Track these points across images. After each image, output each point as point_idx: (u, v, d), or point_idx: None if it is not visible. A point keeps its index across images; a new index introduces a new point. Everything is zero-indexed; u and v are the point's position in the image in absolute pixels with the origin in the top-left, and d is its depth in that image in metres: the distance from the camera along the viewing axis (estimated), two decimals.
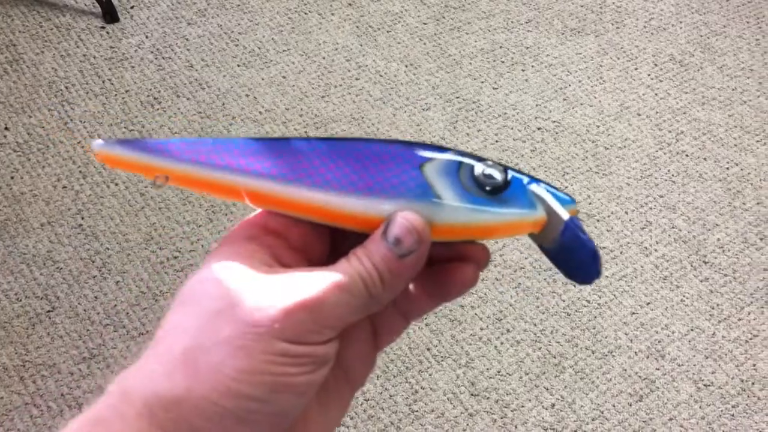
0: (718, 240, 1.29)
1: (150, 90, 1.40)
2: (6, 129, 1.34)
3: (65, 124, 1.35)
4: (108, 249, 1.22)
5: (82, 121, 1.35)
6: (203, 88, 1.41)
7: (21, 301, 1.16)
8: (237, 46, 1.48)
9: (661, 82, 1.49)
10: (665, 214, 1.31)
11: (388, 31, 1.52)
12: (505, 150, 1.37)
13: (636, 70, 1.50)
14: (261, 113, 1.39)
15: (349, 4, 1.56)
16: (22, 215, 1.24)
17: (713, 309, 1.21)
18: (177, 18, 1.51)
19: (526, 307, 1.20)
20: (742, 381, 1.15)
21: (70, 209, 1.25)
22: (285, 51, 1.48)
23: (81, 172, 1.30)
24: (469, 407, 1.11)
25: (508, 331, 1.17)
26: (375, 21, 1.54)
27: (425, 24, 1.54)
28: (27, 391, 1.09)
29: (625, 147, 1.39)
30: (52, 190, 1.27)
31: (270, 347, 0.27)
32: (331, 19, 1.53)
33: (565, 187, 1.31)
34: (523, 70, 1.48)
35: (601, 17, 1.57)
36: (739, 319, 1.21)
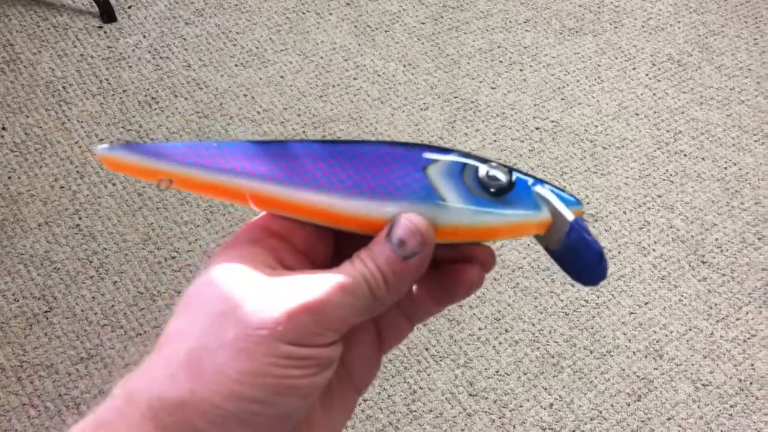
0: (716, 240, 1.29)
1: (148, 90, 1.40)
2: (3, 129, 1.34)
3: (63, 124, 1.35)
4: (105, 249, 1.21)
5: (79, 121, 1.35)
6: (201, 88, 1.41)
7: (18, 301, 1.16)
8: (235, 45, 1.48)
9: (659, 81, 1.49)
10: (663, 213, 1.31)
11: (386, 31, 1.52)
12: (504, 150, 1.37)
13: (634, 69, 1.50)
14: (259, 113, 1.39)
15: (347, 4, 1.56)
16: (19, 215, 1.24)
17: (711, 309, 1.21)
18: (174, 18, 1.51)
19: (524, 307, 1.20)
20: (740, 381, 1.15)
21: (67, 209, 1.25)
22: (283, 51, 1.48)
23: (78, 172, 1.29)
24: (467, 407, 1.10)
25: (507, 331, 1.17)
26: (373, 21, 1.53)
27: (423, 24, 1.54)
28: (24, 392, 1.08)
29: (623, 147, 1.39)
30: (50, 190, 1.27)
31: (273, 349, 0.27)
32: (329, 19, 1.53)
33: (564, 187, 1.31)
34: (521, 70, 1.48)
35: (599, 17, 1.57)
36: (737, 319, 1.21)
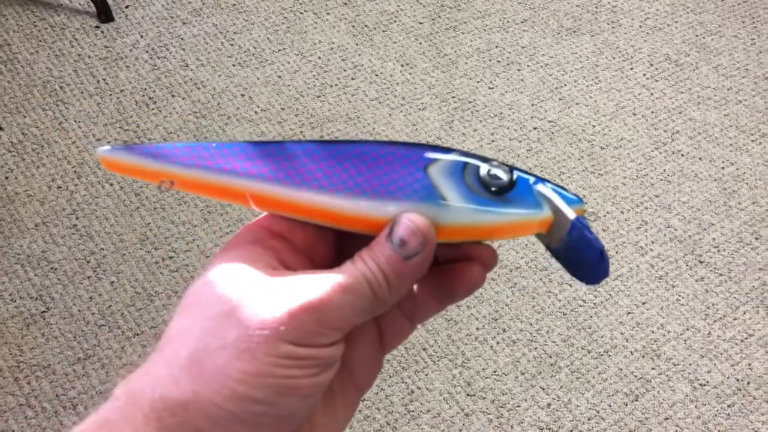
0: (714, 239, 1.29)
1: (145, 90, 1.40)
2: (0, 129, 1.34)
3: (60, 123, 1.35)
4: (103, 249, 1.21)
5: (76, 121, 1.35)
6: (198, 88, 1.41)
7: (15, 301, 1.16)
8: (232, 45, 1.47)
9: (656, 81, 1.49)
10: (661, 213, 1.31)
11: (383, 31, 1.52)
12: (501, 150, 1.37)
13: (631, 69, 1.50)
14: (256, 113, 1.38)
15: (345, 4, 1.55)
16: (16, 215, 1.24)
17: (709, 308, 1.21)
18: (172, 17, 1.51)
19: (522, 306, 1.20)
20: (737, 380, 1.15)
21: (64, 209, 1.25)
22: (280, 50, 1.47)
23: (76, 172, 1.29)
24: (465, 407, 1.10)
25: (504, 330, 1.17)
26: (371, 20, 1.53)
27: (421, 23, 1.54)
28: (21, 393, 1.08)
29: (620, 147, 1.39)
30: (47, 190, 1.27)
31: (275, 350, 0.27)
32: (327, 19, 1.53)
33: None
34: (519, 70, 1.48)
35: (596, 17, 1.57)
36: (734, 319, 1.21)
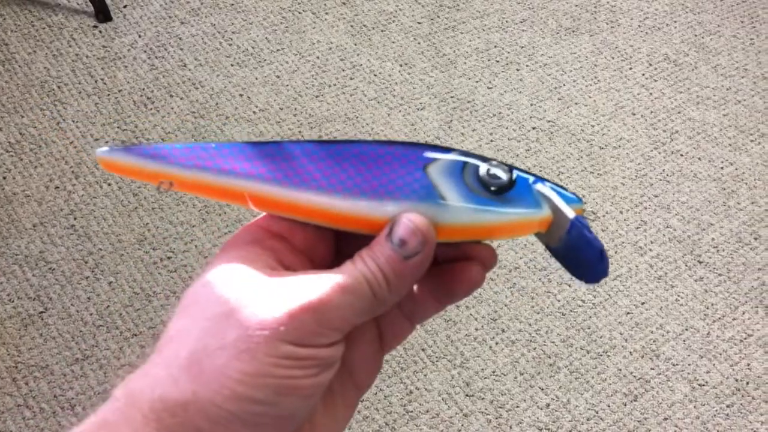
0: (713, 239, 1.29)
1: (143, 89, 1.40)
2: None
3: (58, 123, 1.35)
4: (101, 250, 1.21)
5: (74, 121, 1.35)
6: (197, 88, 1.41)
7: (13, 302, 1.15)
8: (231, 45, 1.47)
9: (655, 81, 1.48)
10: (660, 213, 1.31)
11: (382, 31, 1.52)
12: (500, 150, 1.36)
13: (630, 69, 1.50)
14: (255, 113, 1.38)
15: (343, 3, 1.55)
16: (14, 216, 1.24)
17: (708, 309, 1.21)
18: (170, 17, 1.50)
19: (521, 307, 1.19)
20: (736, 381, 1.15)
21: (62, 210, 1.25)
22: (279, 50, 1.47)
23: (73, 172, 1.29)
24: (464, 408, 1.10)
25: (503, 331, 1.17)
26: (369, 20, 1.53)
27: (419, 23, 1.53)
28: (20, 393, 1.08)
29: (619, 146, 1.39)
30: (45, 191, 1.27)
31: (274, 350, 0.27)
32: (325, 19, 1.53)
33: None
34: (518, 70, 1.48)
35: (595, 17, 1.57)
36: (733, 319, 1.21)
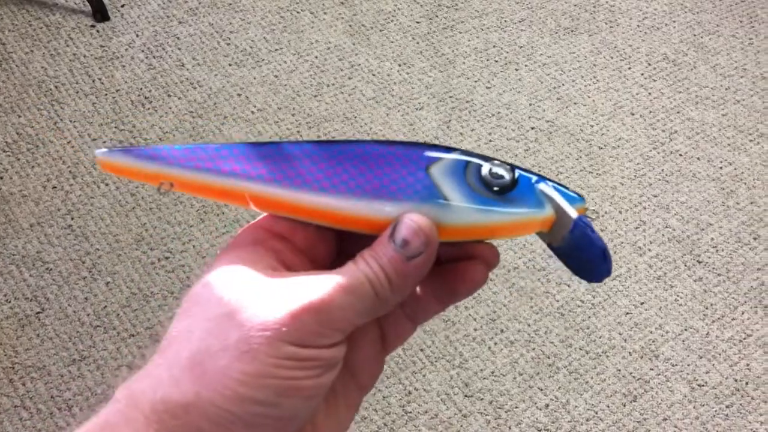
0: (712, 239, 1.28)
1: (141, 89, 1.39)
2: None
3: (55, 123, 1.34)
4: (98, 250, 1.21)
5: (72, 121, 1.34)
6: (195, 88, 1.40)
7: (10, 302, 1.15)
8: (229, 45, 1.47)
9: (654, 81, 1.48)
10: (659, 213, 1.31)
11: (380, 30, 1.51)
12: (499, 150, 1.36)
13: (629, 69, 1.50)
14: (253, 113, 1.38)
15: (342, 3, 1.55)
16: (11, 216, 1.23)
17: (707, 309, 1.21)
18: (168, 17, 1.50)
19: (519, 307, 1.19)
20: (735, 381, 1.15)
21: (59, 210, 1.24)
22: (277, 50, 1.47)
23: (71, 172, 1.28)
24: (462, 408, 1.10)
25: (502, 331, 1.17)
26: (368, 20, 1.53)
27: (418, 23, 1.53)
28: (16, 394, 1.08)
29: (618, 146, 1.39)
30: (42, 191, 1.26)
31: (277, 351, 0.27)
32: (324, 18, 1.52)
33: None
34: (517, 70, 1.48)
35: (594, 16, 1.57)
36: (732, 319, 1.20)
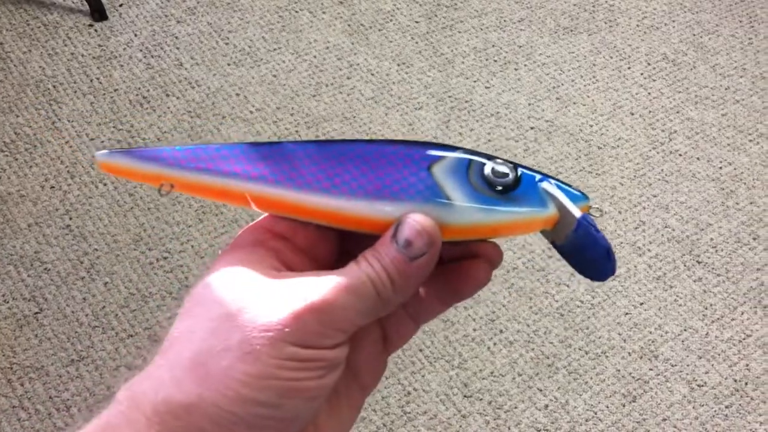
0: (711, 240, 1.28)
1: (139, 89, 1.39)
2: None
3: (53, 123, 1.34)
4: (96, 250, 1.20)
5: (70, 121, 1.34)
6: (193, 87, 1.40)
7: (8, 303, 1.15)
8: (227, 44, 1.47)
9: (654, 81, 1.48)
10: (658, 213, 1.31)
11: (379, 30, 1.51)
12: (498, 150, 1.36)
13: (629, 69, 1.50)
14: (251, 112, 1.38)
15: (340, 2, 1.55)
16: (9, 216, 1.23)
17: (706, 309, 1.21)
18: (166, 16, 1.50)
19: (519, 307, 1.19)
20: (735, 381, 1.14)
21: (57, 210, 1.24)
22: (276, 50, 1.47)
23: (69, 172, 1.28)
24: (462, 408, 1.10)
25: (501, 331, 1.17)
26: (366, 19, 1.52)
27: (417, 22, 1.53)
28: (15, 394, 1.07)
29: (618, 146, 1.38)
30: (40, 191, 1.26)
31: (279, 351, 0.27)
32: (322, 18, 1.52)
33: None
34: (516, 69, 1.47)
35: (593, 16, 1.57)
36: (732, 319, 1.20)
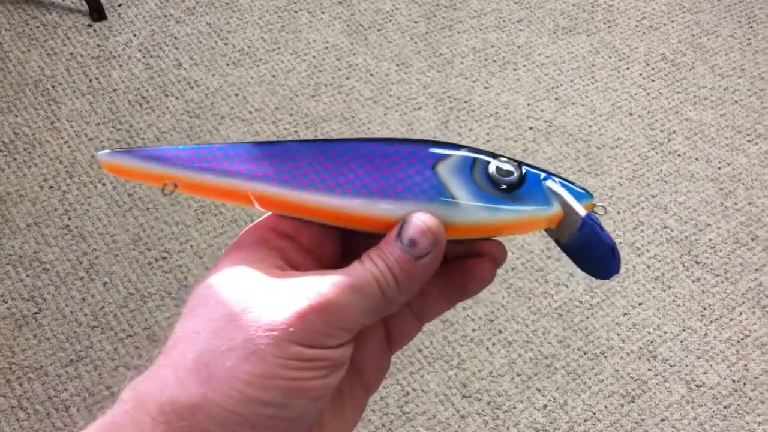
0: (710, 240, 1.28)
1: (138, 89, 1.39)
2: None
3: (52, 123, 1.34)
4: (95, 250, 1.20)
5: (68, 121, 1.34)
6: (192, 87, 1.40)
7: (7, 303, 1.14)
8: (226, 44, 1.46)
9: (652, 81, 1.48)
10: (657, 214, 1.31)
11: (378, 30, 1.51)
12: (497, 150, 1.36)
13: (628, 69, 1.50)
14: (250, 112, 1.37)
15: (340, 3, 1.55)
16: (8, 216, 1.23)
17: (705, 309, 1.21)
18: (165, 16, 1.49)
19: (518, 307, 1.19)
20: (733, 381, 1.15)
21: (56, 210, 1.24)
22: (275, 50, 1.47)
23: (68, 171, 1.28)
24: (460, 409, 1.10)
25: (500, 332, 1.17)
26: (366, 19, 1.52)
27: (416, 23, 1.53)
28: (14, 394, 1.07)
29: (617, 147, 1.38)
30: (39, 191, 1.26)
31: (284, 351, 0.27)
32: (321, 18, 1.52)
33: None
34: (515, 70, 1.47)
35: (592, 16, 1.57)
36: (730, 320, 1.20)
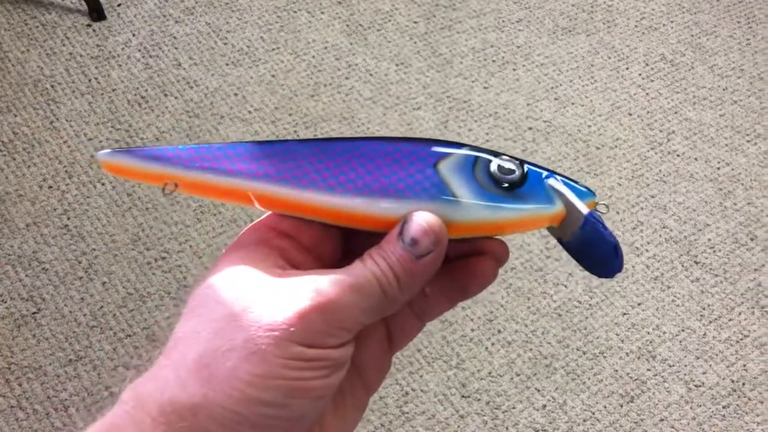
0: (709, 240, 1.28)
1: (137, 89, 1.39)
2: None
3: (51, 123, 1.34)
4: (94, 250, 1.20)
5: (68, 120, 1.34)
6: (191, 87, 1.40)
7: (6, 302, 1.14)
8: (225, 44, 1.46)
9: (652, 81, 1.48)
10: (656, 214, 1.31)
11: (378, 30, 1.51)
12: (497, 150, 1.36)
13: (627, 69, 1.50)
14: (250, 112, 1.37)
15: (339, 2, 1.55)
16: (7, 215, 1.23)
17: (704, 309, 1.21)
18: (165, 16, 1.49)
19: (517, 308, 1.19)
20: (732, 381, 1.15)
21: (55, 209, 1.24)
22: (274, 50, 1.46)
23: (67, 171, 1.28)
24: (460, 409, 1.10)
25: (499, 332, 1.17)
26: (365, 19, 1.52)
27: (416, 23, 1.53)
28: (13, 394, 1.07)
29: (616, 147, 1.38)
30: (38, 190, 1.26)
31: (284, 351, 0.27)
32: (321, 18, 1.52)
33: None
34: (514, 70, 1.47)
35: (592, 16, 1.57)
36: (729, 320, 1.20)
